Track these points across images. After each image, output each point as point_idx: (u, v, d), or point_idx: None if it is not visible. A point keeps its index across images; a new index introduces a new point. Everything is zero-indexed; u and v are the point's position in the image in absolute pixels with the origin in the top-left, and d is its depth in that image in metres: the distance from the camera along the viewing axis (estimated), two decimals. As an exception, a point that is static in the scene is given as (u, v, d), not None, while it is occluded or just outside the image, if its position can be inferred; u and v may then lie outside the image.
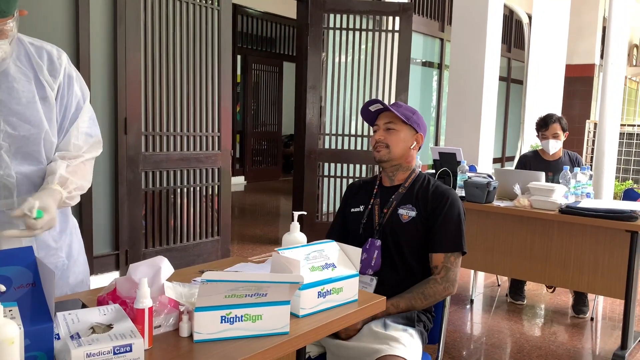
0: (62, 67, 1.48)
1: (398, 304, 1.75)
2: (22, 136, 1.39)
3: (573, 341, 3.16)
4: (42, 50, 1.47)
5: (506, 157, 9.47)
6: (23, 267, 1.05)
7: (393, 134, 1.86)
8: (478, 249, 3.29)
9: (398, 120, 1.86)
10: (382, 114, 1.90)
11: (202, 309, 1.13)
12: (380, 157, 1.88)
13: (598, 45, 8.68)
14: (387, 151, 1.86)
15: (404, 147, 1.87)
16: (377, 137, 1.89)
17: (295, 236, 1.55)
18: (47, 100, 1.44)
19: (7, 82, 1.39)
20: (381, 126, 1.88)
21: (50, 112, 1.44)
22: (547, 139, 3.71)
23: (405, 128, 1.87)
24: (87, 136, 1.54)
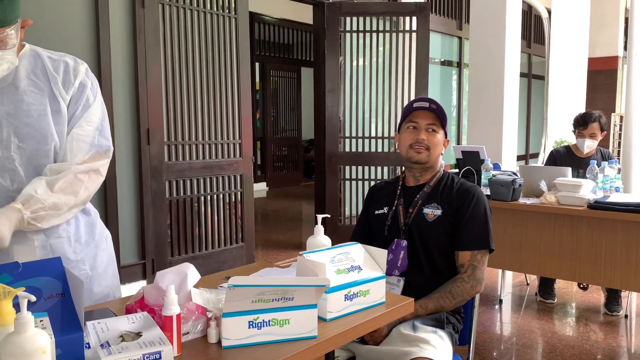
0: (77, 78, 1.46)
1: (426, 305, 1.73)
2: (32, 149, 1.38)
3: (607, 340, 3.08)
4: (60, 62, 1.46)
5: (530, 154, 9.34)
6: (52, 277, 1.06)
7: (434, 137, 1.85)
8: (505, 248, 3.24)
9: (439, 123, 1.85)
10: (423, 112, 1.85)
11: (229, 315, 1.12)
12: (419, 158, 1.84)
13: (621, 37, 8.51)
14: (428, 154, 1.84)
15: (439, 151, 1.88)
16: (421, 137, 1.83)
17: (319, 239, 1.54)
18: (60, 113, 1.42)
19: (17, 95, 1.38)
20: (422, 125, 1.84)
21: (62, 125, 1.42)
22: (584, 138, 3.64)
23: (441, 132, 1.87)
24: (89, 146, 1.46)
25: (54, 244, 1.44)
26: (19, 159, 1.37)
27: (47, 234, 1.42)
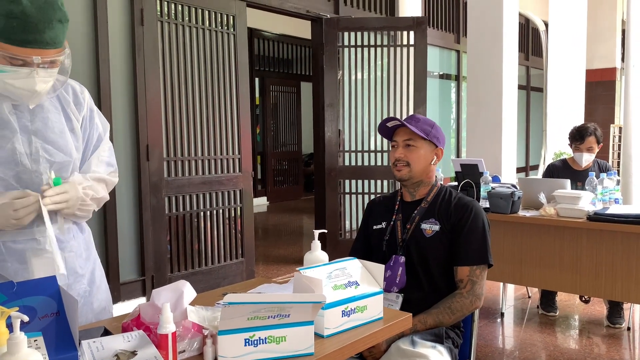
0: (85, 101, 1.55)
1: (425, 320, 1.72)
2: (57, 163, 1.44)
3: (610, 352, 3.06)
4: (68, 85, 1.53)
5: (530, 166, 9.34)
6: (47, 296, 1.06)
7: (413, 151, 1.82)
8: (506, 261, 3.23)
9: (417, 136, 1.82)
10: (400, 129, 1.86)
11: (225, 332, 1.12)
12: (401, 176, 1.85)
13: (618, 49, 8.56)
14: (408, 169, 1.83)
15: (424, 163, 1.84)
16: (397, 155, 1.84)
17: (316, 255, 1.54)
18: (74, 131, 1.50)
19: (43, 112, 1.43)
20: (400, 143, 1.84)
21: (77, 142, 1.50)
22: (581, 152, 3.64)
23: (425, 144, 1.83)
24: (107, 165, 1.60)
25: (67, 257, 1.49)
26: (46, 173, 1.42)
27: (62, 247, 1.47)
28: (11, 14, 1.21)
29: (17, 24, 1.22)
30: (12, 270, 1.37)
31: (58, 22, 1.28)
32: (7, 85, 1.28)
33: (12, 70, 1.26)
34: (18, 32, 1.23)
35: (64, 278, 1.45)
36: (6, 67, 1.25)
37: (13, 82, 1.28)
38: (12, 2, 1.21)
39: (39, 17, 1.24)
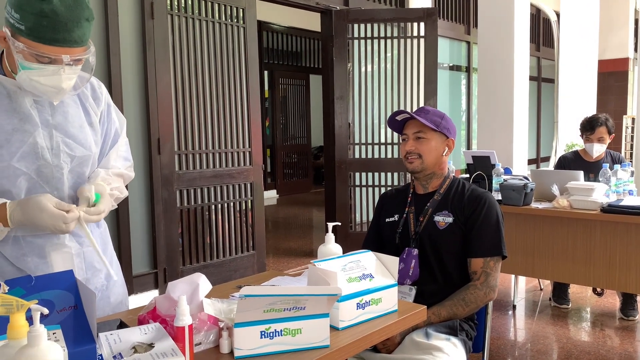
0: (103, 96, 1.56)
1: (439, 313, 1.71)
2: (77, 157, 1.45)
3: (624, 345, 3.04)
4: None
5: (541, 158, 9.27)
6: (64, 290, 1.06)
7: (424, 143, 1.81)
8: (518, 253, 3.21)
9: (427, 128, 1.81)
10: (410, 122, 1.86)
11: (241, 325, 1.12)
12: (413, 168, 1.84)
13: (631, 39, 8.45)
14: (420, 161, 1.82)
15: (436, 155, 1.83)
16: (407, 147, 1.83)
17: (330, 247, 1.54)
18: (93, 125, 1.51)
19: (63, 107, 1.44)
20: (410, 135, 1.83)
21: (96, 137, 1.52)
22: (592, 143, 3.61)
23: (435, 135, 1.83)
24: (124, 160, 1.62)
25: (86, 252, 1.50)
26: (67, 167, 1.43)
27: (80, 242, 1.48)
28: (42, 12, 1.21)
29: (47, 23, 1.22)
30: (32, 264, 1.39)
31: (85, 21, 1.28)
32: (33, 82, 1.29)
33: (39, 68, 1.27)
34: (48, 30, 1.23)
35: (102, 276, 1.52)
36: (33, 65, 1.26)
37: (39, 79, 1.28)
38: (42, 1, 1.21)
39: (68, 16, 1.24)
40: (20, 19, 1.22)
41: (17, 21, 1.22)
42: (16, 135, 1.34)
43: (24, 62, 1.26)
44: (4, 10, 1.25)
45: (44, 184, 1.40)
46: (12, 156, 1.33)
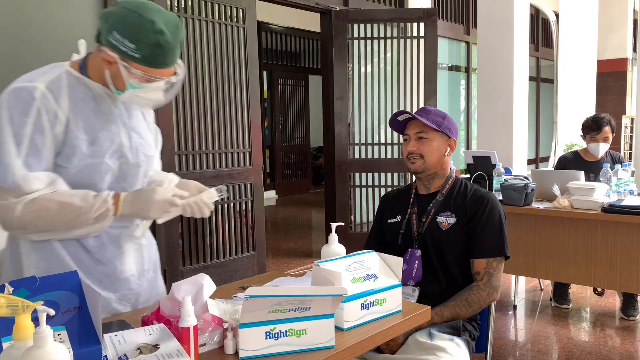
0: None
1: (442, 313, 1.71)
2: (149, 157, 1.59)
3: (625, 345, 3.04)
4: None
5: (540, 158, 9.28)
6: (69, 291, 1.06)
7: (426, 144, 1.81)
8: (518, 253, 3.21)
9: (429, 128, 1.81)
10: (412, 122, 1.85)
11: (246, 325, 1.12)
12: (415, 168, 1.84)
13: (630, 39, 8.46)
14: (422, 162, 1.82)
15: (438, 155, 1.83)
16: (409, 148, 1.83)
17: (334, 248, 1.53)
18: (150, 129, 1.63)
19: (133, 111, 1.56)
20: (412, 136, 1.83)
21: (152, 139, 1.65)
22: (597, 142, 3.62)
23: (437, 135, 1.82)
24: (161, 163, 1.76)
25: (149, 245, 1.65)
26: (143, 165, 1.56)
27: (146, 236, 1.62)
28: (157, 43, 1.34)
29: (160, 52, 1.36)
30: (110, 253, 1.49)
31: (180, 42, 1.41)
32: (138, 97, 1.43)
33: (145, 87, 1.40)
34: (161, 58, 1.37)
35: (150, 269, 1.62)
36: (142, 84, 1.39)
37: (143, 95, 1.42)
38: (156, 33, 1.33)
39: (174, 42, 1.38)
40: (135, 49, 1.34)
41: (131, 50, 1.34)
42: (104, 134, 1.43)
43: (134, 82, 1.38)
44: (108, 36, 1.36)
45: (122, 181, 1.50)
46: (104, 153, 1.43)
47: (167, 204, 1.44)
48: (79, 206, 1.36)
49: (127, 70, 1.36)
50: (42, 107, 1.34)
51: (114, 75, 1.39)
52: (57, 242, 1.42)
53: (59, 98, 1.38)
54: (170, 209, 1.46)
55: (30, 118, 1.33)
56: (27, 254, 1.41)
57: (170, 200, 1.45)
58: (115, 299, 1.50)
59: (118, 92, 1.42)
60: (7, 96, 1.35)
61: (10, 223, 1.35)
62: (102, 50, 1.38)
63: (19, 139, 1.32)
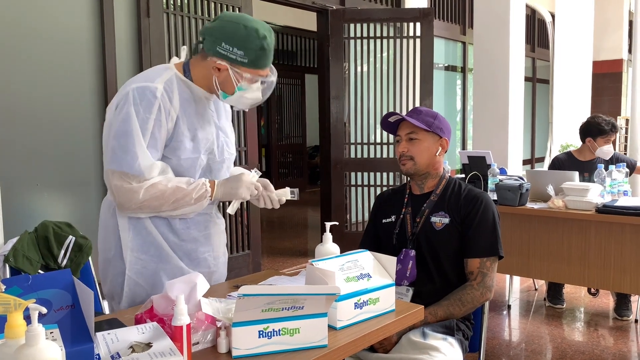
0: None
1: (436, 312, 1.71)
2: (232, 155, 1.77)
3: (618, 345, 3.06)
4: None
5: (536, 158, 9.30)
6: (61, 289, 1.06)
7: (416, 145, 1.82)
8: (513, 253, 3.22)
9: (419, 129, 1.81)
10: (403, 123, 1.86)
11: (239, 324, 1.12)
12: (406, 170, 1.85)
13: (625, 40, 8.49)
14: (413, 163, 1.83)
15: (429, 156, 1.83)
16: (400, 149, 1.84)
17: (328, 247, 1.54)
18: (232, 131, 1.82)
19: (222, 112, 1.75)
20: (403, 137, 1.84)
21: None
22: (609, 144, 3.66)
23: (428, 136, 1.83)
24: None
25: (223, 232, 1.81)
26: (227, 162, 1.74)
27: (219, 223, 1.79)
28: (262, 47, 1.53)
29: (264, 54, 1.55)
30: (193, 234, 1.67)
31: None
32: (242, 98, 1.61)
33: (248, 87, 1.59)
34: (265, 59, 1.56)
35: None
36: (245, 85, 1.58)
37: (246, 95, 1.60)
38: (261, 39, 1.53)
39: (272, 44, 1.57)
40: (244, 55, 1.53)
41: (239, 56, 1.53)
42: (201, 133, 1.61)
43: (242, 85, 1.57)
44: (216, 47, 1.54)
45: (209, 174, 1.68)
46: (201, 150, 1.61)
47: (252, 186, 1.65)
48: (185, 189, 1.55)
49: (237, 75, 1.55)
50: (161, 105, 1.52)
51: (224, 81, 1.58)
52: (149, 221, 1.60)
53: (172, 98, 1.56)
54: (254, 191, 1.66)
55: (152, 115, 1.51)
56: (124, 231, 1.59)
57: (255, 184, 1.66)
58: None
59: (225, 95, 1.61)
60: (132, 93, 1.52)
61: (130, 204, 1.52)
62: (211, 60, 1.56)
63: (144, 132, 1.50)
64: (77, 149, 3.27)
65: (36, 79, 3.07)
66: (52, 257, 2.00)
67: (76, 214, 3.26)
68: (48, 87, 3.12)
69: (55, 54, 3.14)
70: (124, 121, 1.50)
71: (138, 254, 1.60)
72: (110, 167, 1.51)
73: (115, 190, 1.52)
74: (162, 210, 1.56)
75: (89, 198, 3.35)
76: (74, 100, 3.25)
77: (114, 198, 1.55)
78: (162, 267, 1.62)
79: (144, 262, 1.61)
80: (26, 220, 2.88)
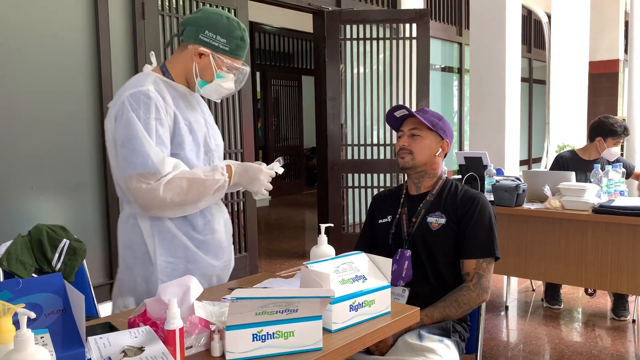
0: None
1: (432, 314, 1.70)
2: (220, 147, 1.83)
3: (616, 345, 3.05)
4: None
5: (533, 159, 9.31)
6: (52, 293, 1.04)
7: (417, 141, 1.83)
8: (510, 254, 3.22)
9: (423, 127, 1.83)
10: (408, 119, 1.87)
11: (233, 328, 1.11)
12: (403, 163, 1.85)
13: (621, 40, 8.50)
14: (411, 157, 1.83)
15: (428, 153, 1.84)
16: (401, 143, 1.85)
17: (323, 249, 1.53)
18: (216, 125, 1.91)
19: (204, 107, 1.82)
20: (406, 132, 1.85)
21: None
22: (617, 146, 3.66)
23: (430, 135, 1.84)
24: None
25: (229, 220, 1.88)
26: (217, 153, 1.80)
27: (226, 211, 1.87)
28: (241, 38, 1.68)
29: (242, 45, 1.69)
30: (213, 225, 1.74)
31: None
32: (219, 87, 1.71)
33: (226, 76, 1.70)
34: (242, 50, 1.70)
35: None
36: (223, 74, 1.68)
37: (222, 84, 1.70)
38: (241, 30, 1.68)
39: (248, 39, 1.72)
40: (226, 43, 1.66)
41: (222, 44, 1.66)
42: (196, 125, 1.69)
43: (221, 72, 1.68)
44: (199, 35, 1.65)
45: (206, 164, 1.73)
46: (200, 142, 1.70)
47: (269, 177, 1.73)
48: (203, 179, 1.60)
49: (217, 61, 1.66)
50: (157, 104, 1.58)
51: (204, 68, 1.67)
52: (171, 223, 1.65)
53: (164, 96, 1.62)
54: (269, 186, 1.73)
55: (152, 114, 1.57)
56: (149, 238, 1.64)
57: (272, 174, 1.74)
58: (220, 267, 1.77)
59: (204, 83, 1.69)
60: (127, 100, 1.57)
61: (153, 203, 1.56)
62: (192, 47, 1.65)
63: (149, 132, 1.55)
64: (72, 151, 3.25)
65: (30, 80, 3.06)
66: (46, 261, 1.98)
67: (71, 217, 3.25)
68: (42, 88, 3.11)
69: (49, 55, 3.13)
70: (127, 127, 1.55)
71: (166, 258, 1.65)
72: (125, 173, 1.55)
73: (135, 194, 1.56)
74: (186, 204, 1.61)
75: (85, 201, 3.33)
76: (69, 102, 3.23)
77: (136, 202, 1.59)
78: (192, 267, 1.67)
79: (173, 265, 1.66)
80: (21, 223, 2.86)
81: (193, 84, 1.71)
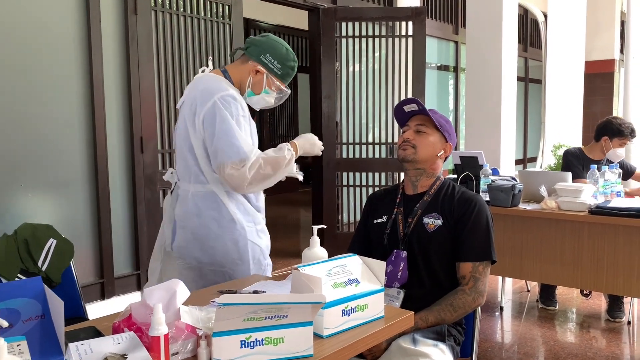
0: None
1: (427, 318, 1.67)
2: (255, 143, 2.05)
3: (611, 347, 3.03)
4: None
5: (528, 159, 9.30)
6: (31, 299, 1.00)
7: (422, 137, 1.81)
8: (505, 254, 3.19)
9: (431, 125, 1.82)
10: (416, 116, 1.86)
11: (220, 334, 1.07)
12: (405, 155, 1.81)
13: (617, 40, 8.49)
14: (413, 151, 1.80)
15: (431, 151, 1.81)
16: (405, 135, 1.83)
17: (315, 251, 1.49)
18: None
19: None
20: (412, 127, 1.83)
21: None
22: (622, 148, 3.63)
23: (436, 134, 1.82)
24: None
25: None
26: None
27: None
28: (292, 68, 2.02)
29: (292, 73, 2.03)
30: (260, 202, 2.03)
31: None
32: (262, 99, 2.04)
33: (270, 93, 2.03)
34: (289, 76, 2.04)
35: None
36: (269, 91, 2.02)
37: (266, 98, 2.04)
38: (294, 62, 2.02)
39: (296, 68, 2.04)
40: (280, 68, 1.99)
41: (277, 68, 1.98)
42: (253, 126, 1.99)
43: (268, 89, 2.01)
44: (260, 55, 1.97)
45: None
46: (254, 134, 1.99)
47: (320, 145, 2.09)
48: (276, 156, 1.89)
49: (268, 81, 1.99)
50: (241, 104, 1.90)
51: (256, 82, 1.99)
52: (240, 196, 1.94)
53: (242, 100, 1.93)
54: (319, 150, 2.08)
55: (240, 113, 1.87)
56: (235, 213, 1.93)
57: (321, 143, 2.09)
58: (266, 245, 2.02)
59: (252, 93, 2.01)
60: (219, 101, 1.85)
61: (242, 185, 1.85)
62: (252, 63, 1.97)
63: (239, 127, 1.85)
64: (62, 148, 3.20)
65: (20, 77, 3.00)
66: (32, 261, 1.94)
67: (61, 214, 3.20)
68: (32, 85, 3.06)
69: (39, 52, 3.07)
70: (222, 123, 1.83)
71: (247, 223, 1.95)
72: (221, 161, 1.83)
73: (228, 179, 1.84)
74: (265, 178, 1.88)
75: (75, 198, 3.28)
76: (59, 99, 3.18)
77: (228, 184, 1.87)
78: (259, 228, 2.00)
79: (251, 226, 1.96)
80: (10, 220, 2.81)
81: (243, 91, 2.00)
